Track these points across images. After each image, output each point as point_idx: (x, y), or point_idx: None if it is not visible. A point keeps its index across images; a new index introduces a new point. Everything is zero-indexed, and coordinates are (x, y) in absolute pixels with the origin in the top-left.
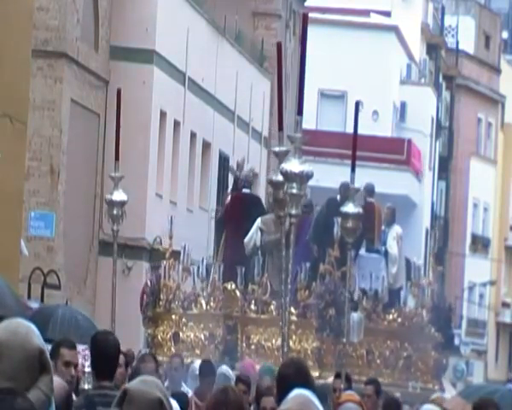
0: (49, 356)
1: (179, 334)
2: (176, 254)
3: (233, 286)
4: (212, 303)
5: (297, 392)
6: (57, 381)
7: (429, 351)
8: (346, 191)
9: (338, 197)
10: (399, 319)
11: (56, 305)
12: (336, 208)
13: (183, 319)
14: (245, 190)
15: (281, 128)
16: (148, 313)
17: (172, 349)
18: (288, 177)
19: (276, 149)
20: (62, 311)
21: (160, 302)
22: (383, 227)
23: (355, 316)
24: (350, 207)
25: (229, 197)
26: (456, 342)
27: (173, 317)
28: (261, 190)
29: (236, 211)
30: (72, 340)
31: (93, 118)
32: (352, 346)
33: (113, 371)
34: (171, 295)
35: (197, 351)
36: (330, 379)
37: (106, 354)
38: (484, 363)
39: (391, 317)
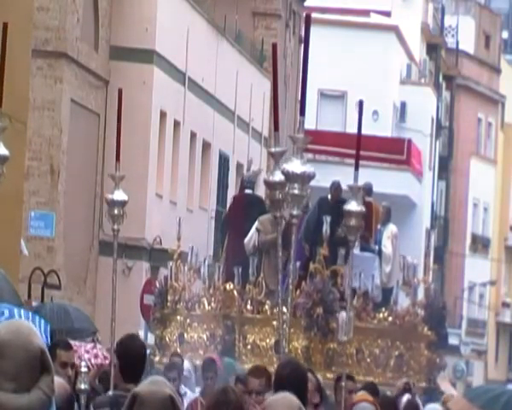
0: (50, 357)
1: (184, 335)
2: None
3: (231, 286)
4: (213, 304)
5: (282, 395)
6: (59, 382)
7: (422, 350)
8: (337, 190)
9: (329, 197)
10: (390, 318)
11: (44, 303)
12: (327, 208)
13: (188, 320)
14: (247, 191)
15: (276, 128)
16: (155, 314)
17: (178, 350)
18: (290, 177)
19: (272, 149)
20: (50, 306)
21: (168, 303)
22: (379, 226)
23: (344, 315)
24: (353, 205)
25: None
26: (456, 342)
27: (178, 318)
28: (261, 191)
29: (238, 212)
30: (65, 328)
31: (93, 118)
32: (342, 345)
33: (139, 374)
34: (177, 297)
35: (200, 352)
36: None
37: (132, 357)
38: (484, 363)
39: (381, 316)
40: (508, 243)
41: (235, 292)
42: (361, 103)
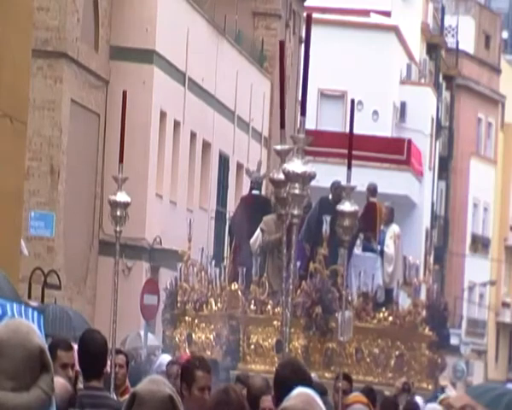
0: (49, 355)
1: (192, 335)
2: (175, 255)
3: (236, 286)
4: (219, 304)
5: (300, 390)
6: (59, 381)
7: (423, 350)
8: (337, 190)
9: (330, 196)
10: (390, 318)
11: (46, 304)
12: (328, 207)
13: (196, 321)
14: (254, 192)
15: (283, 126)
16: (166, 315)
17: (187, 351)
18: (291, 177)
19: (278, 147)
20: (53, 308)
21: (178, 304)
22: (382, 227)
23: (344, 314)
24: (346, 206)
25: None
26: (456, 342)
27: (187, 318)
28: (262, 190)
29: (245, 212)
30: (67, 336)
31: (93, 118)
32: (341, 344)
33: (101, 370)
34: (185, 297)
35: (208, 352)
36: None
37: (93, 353)
38: (484, 363)
39: (381, 315)
40: (508, 243)
41: (240, 292)
42: (352, 102)
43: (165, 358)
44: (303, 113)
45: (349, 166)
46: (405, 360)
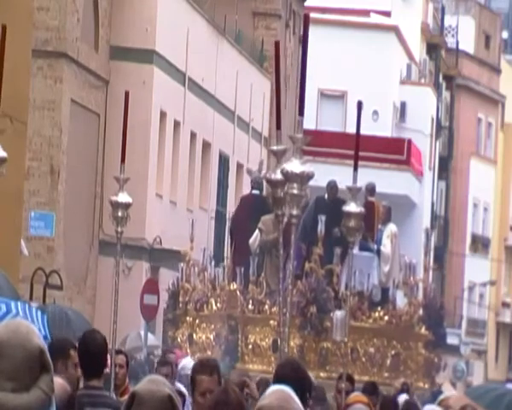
0: (49, 356)
1: (193, 335)
2: (175, 254)
3: (234, 286)
4: (219, 304)
5: (276, 387)
6: (59, 382)
7: (419, 349)
8: (333, 189)
9: (325, 196)
10: (386, 317)
11: (46, 305)
12: (323, 207)
13: (197, 321)
14: (254, 192)
15: (279, 127)
16: (168, 315)
17: (188, 351)
18: (289, 177)
19: (274, 147)
20: (52, 308)
21: (180, 304)
22: (379, 226)
23: (338, 314)
24: (352, 207)
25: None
26: (456, 342)
27: (188, 318)
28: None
29: (245, 212)
30: (66, 335)
31: (93, 118)
32: (336, 344)
33: (101, 370)
34: (187, 298)
35: (208, 352)
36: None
37: (93, 353)
38: (484, 363)
39: (377, 315)
40: (508, 242)
41: (238, 292)
42: (360, 104)
43: (189, 361)
44: (301, 113)
45: (355, 168)
46: (401, 359)
